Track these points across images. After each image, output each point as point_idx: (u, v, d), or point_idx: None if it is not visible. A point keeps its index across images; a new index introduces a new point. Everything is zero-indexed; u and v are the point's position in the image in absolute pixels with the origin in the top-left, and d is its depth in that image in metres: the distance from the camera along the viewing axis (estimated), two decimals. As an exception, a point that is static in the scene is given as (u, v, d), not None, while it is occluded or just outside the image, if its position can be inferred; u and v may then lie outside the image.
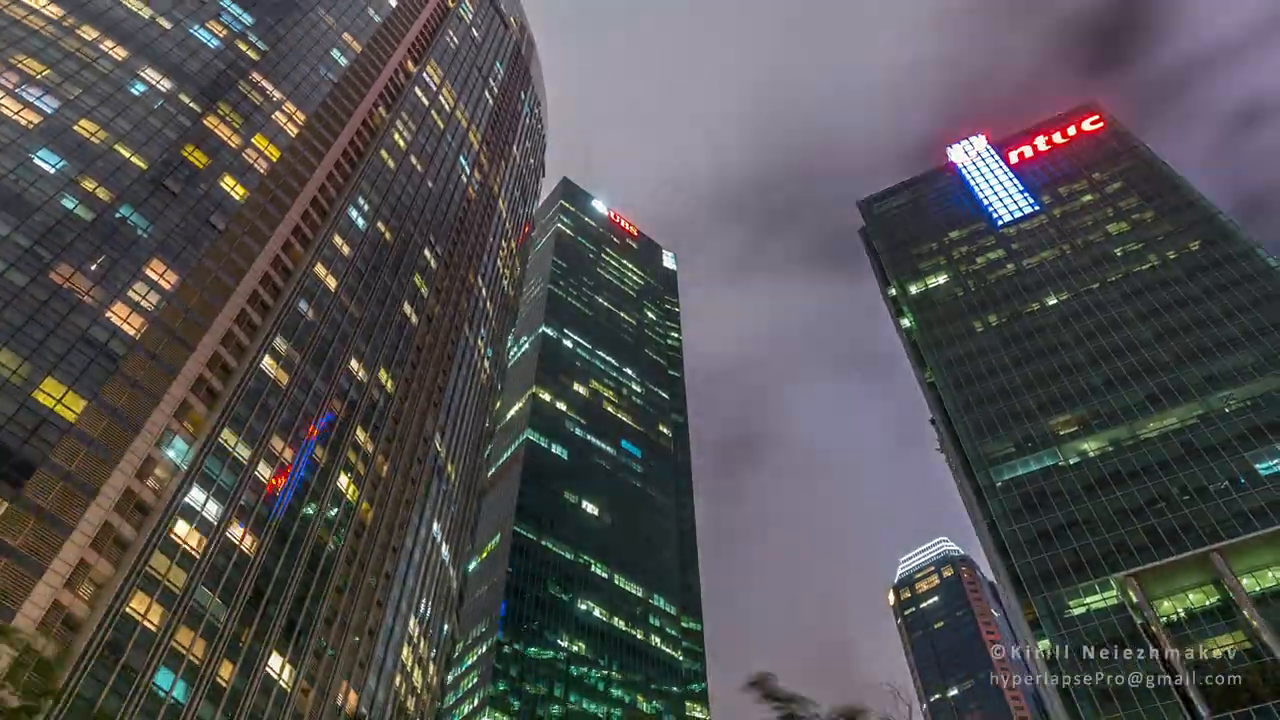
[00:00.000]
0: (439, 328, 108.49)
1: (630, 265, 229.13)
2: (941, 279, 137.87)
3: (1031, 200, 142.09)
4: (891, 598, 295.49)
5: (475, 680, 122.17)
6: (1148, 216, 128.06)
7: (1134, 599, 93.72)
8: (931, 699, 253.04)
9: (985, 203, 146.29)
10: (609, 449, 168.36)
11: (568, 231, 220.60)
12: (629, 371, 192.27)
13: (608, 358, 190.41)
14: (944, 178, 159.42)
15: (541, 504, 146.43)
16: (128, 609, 58.24)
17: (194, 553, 63.94)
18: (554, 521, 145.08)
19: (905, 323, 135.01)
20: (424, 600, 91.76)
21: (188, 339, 72.43)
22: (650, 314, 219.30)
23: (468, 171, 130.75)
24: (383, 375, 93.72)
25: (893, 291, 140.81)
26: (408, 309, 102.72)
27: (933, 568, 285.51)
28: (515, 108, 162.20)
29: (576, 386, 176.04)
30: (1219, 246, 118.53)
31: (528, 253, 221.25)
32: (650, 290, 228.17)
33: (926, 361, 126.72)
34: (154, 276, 73.67)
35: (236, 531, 68.16)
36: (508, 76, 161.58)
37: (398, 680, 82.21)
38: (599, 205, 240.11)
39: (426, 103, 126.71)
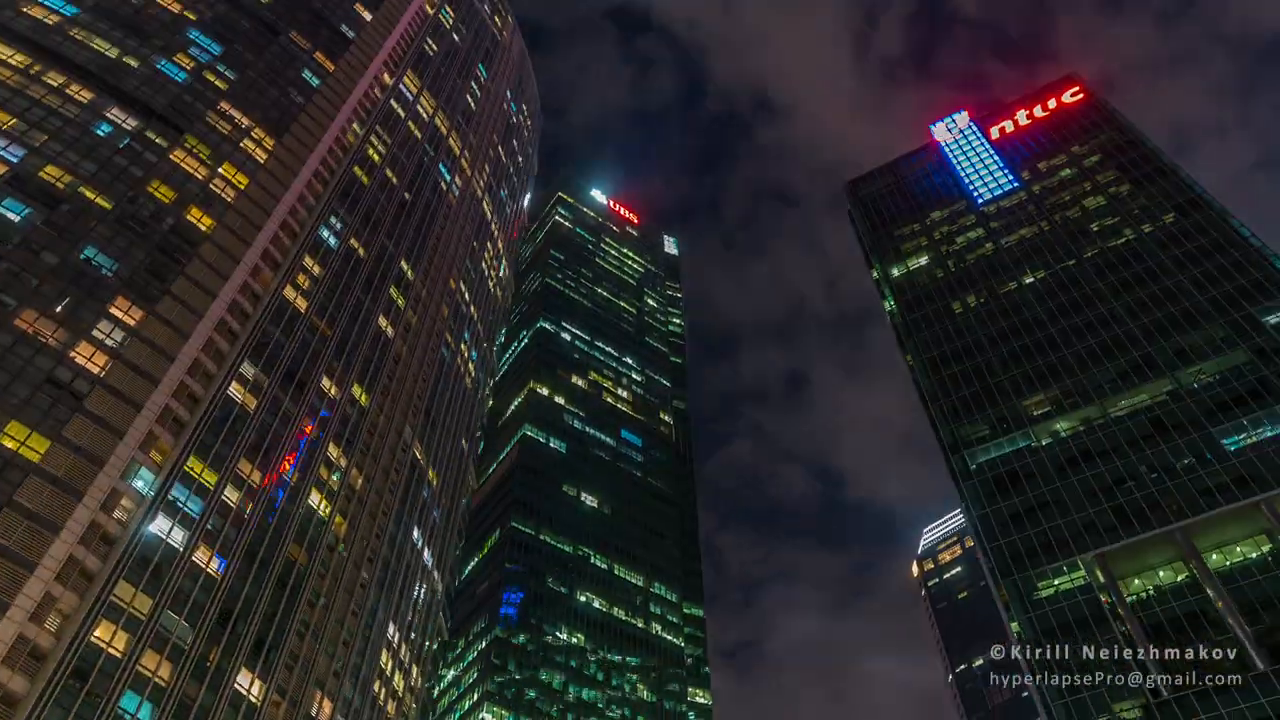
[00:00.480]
0: (417, 337, 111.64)
1: (630, 253, 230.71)
2: (923, 260, 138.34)
3: (1011, 177, 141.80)
4: (915, 569, 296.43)
5: (475, 676, 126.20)
6: (1124, 189, 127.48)
7: (1101, 579, 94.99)
8: (958, 670, 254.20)
9: (966, 181, 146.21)
10: (608, 439, 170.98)
11: (565, 224, 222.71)
12: (629, 360, 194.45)
13: (606, 348, 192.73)
14: (927, 156, 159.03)
15: (540, 498, 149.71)
16: (93, 638, 62.18)
17: (158, 580, 67.70)
18: (552, 515, 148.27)
19: (888, 306, 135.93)
20: (404, 605, 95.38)
21: (152, 372, 75.87)
22: (651, 301, 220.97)
23: (448, 178, 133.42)
24: (356, 390, 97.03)
25: (875, 275, 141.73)
26: (383, 322, 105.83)
27: (955, 538, 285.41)
28: (501, 107, 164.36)
29: (574, 379, 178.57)
30: (1191, 216, 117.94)
31: (520, 250, 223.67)
32: (651, 277, 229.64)
33: (905, 345, 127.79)
34: (118, 314, 77.16)
35: (202, 555, 71.82)
36: (492, 77, 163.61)
37: (376, 686, 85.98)
38: (598, 195, 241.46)
39: (403, 114, 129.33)
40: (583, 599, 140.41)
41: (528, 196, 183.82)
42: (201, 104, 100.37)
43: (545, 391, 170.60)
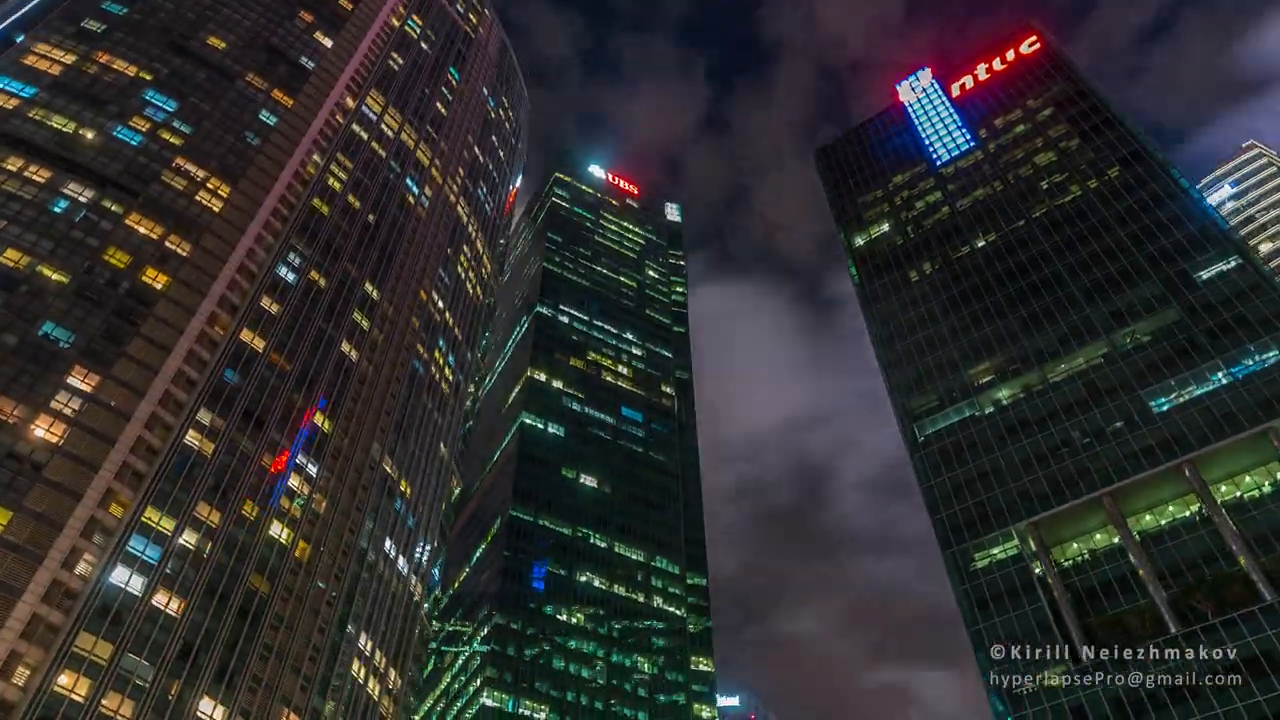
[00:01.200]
0: (384, 355, 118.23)
1: (630, 225, 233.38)
2: (884, 227, 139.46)
3: (969, 136, 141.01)
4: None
5: (478, 663, 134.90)
6: (1073, 143, 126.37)
7: (1033, 547, 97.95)
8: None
9: (926, 142, 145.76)
10: (608, 419, 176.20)
11: (563, 204, 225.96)
12: (629, 336, 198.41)
13: (606, 326, 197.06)
14: (892, 118, 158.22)
15: (538, 484, 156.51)
16: (56, 687, 71.04)
17: (118, 627, 76.23)
18: (551, 500, 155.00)
19: (853, 277, 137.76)
20: (377, 615, 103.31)
21: (109, 433, 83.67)
22: (652, 272, 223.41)
23: (416, 192, 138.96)
24: (319, 418, 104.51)
25: (842, 244, 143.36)
26: (346, 347, 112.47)
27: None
28: (476, 106, 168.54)
29: (573, 361, 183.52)
30: (1135, 170, 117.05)
31: (523, 236, 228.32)
32: (653, 248, 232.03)
33: (866, 317, 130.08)
34: (75, 382, 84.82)
35: (161, 598, 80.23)
36: (465, 78, 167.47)
37: (348, 695, 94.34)
38: (597, 170, 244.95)
39: (366, 136, 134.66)
40: (583, 579, 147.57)
41: (515, 186, 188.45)
42: (157, 164, 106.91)
43: (543, 377, 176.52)
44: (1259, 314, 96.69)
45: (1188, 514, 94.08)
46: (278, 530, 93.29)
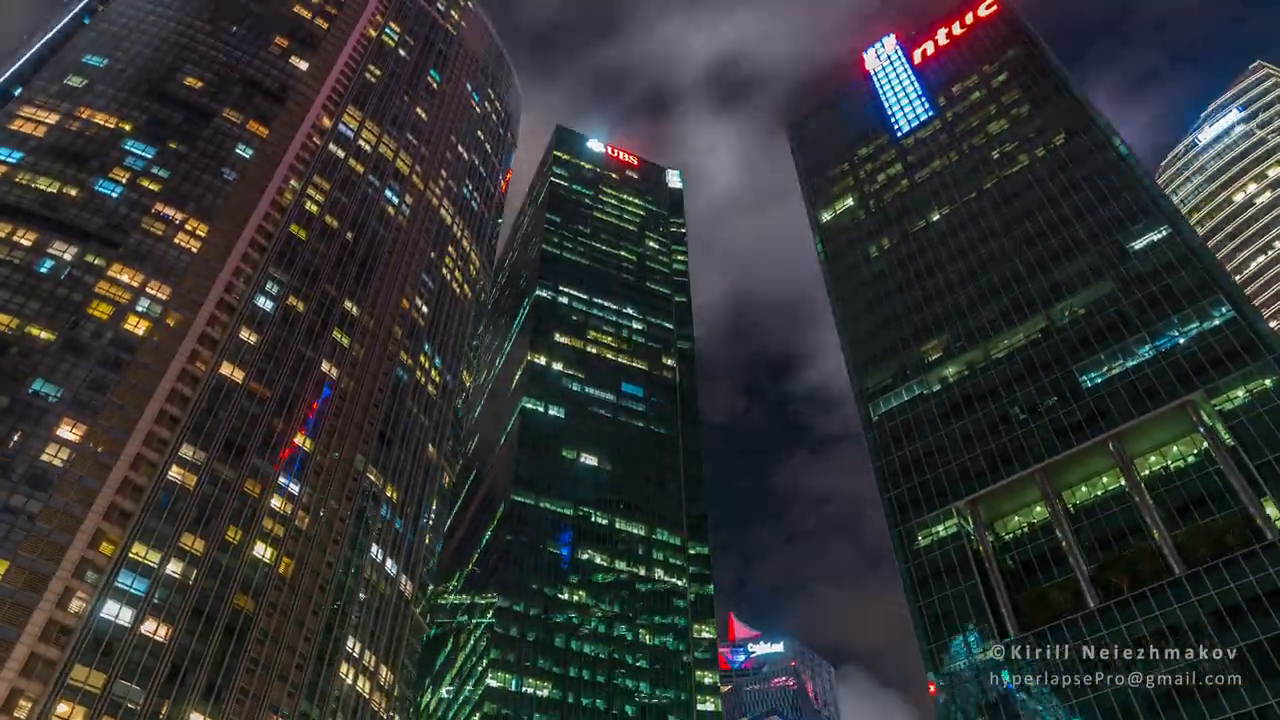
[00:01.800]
0: (365, 368, 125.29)
1: (630, 197, 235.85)
2: (849, 202, 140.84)
3: (928, 104, 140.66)
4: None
5: (484, 644, 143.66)
6: (1024, 111, 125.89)
7: (970, 525, 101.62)
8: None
9: (889, 112, 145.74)
10: (609, 396, 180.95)
11: (562, 183, 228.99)
12: (629, 311, 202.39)
13: (605, 303, 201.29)
14: (860, 88, 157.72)
15: (539, 468, 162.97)
16: (54, 717, 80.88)
17: (110, 657, 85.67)
18: (551, 482, 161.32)
19: (819, 254, 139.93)
20: (366, 617, 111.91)
21: (96, 480, 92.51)
22: (652, 243, 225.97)
23: (395, 202, 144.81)
24: (300, 438, 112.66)
25: (810, 222, 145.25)
26: (326, 366, 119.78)
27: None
28: (459, 104, 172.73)
29: (573, 342, 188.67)
30: (1079, 138, 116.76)
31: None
32: (653, 218, 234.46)
33: (830, 296, 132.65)
34: (64, 433, 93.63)
35: (150, 626, 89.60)
36: (447, 78, 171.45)
37: (336, 696, 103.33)
38: (595, 144, 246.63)
39: (343, 154, 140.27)
40: (584, 558, 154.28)
41: (509, 171, 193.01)
42: (136, 212, 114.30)
43: (542, 360, 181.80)
44: (1184, 285, 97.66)
45: (1116, 487, 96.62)
46: (261, 550, 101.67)
